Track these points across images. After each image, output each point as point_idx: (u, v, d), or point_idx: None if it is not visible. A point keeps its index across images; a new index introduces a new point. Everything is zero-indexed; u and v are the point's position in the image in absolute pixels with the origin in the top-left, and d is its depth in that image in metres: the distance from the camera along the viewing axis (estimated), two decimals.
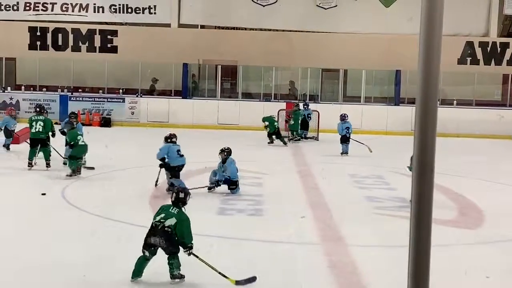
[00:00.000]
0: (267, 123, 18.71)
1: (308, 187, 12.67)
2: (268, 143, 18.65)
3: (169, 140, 11.26)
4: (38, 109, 13.87)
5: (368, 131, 21.80)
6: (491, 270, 7.87)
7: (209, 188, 11.49)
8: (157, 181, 11.44)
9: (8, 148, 15.30)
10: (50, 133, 13.43)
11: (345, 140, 16.80)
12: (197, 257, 6.75)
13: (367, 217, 9.70)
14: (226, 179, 11.43)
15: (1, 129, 15.18)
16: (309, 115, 20.02)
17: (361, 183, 12.95)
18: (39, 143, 13.09)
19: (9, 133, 15.21)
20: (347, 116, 17.06)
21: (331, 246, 8.60)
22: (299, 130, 19.73)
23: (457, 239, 9.11)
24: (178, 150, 11.19)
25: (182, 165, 11.25)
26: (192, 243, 6.73)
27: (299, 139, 19.55)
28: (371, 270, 7.65)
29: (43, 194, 10.71)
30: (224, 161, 11.51)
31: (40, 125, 13.15)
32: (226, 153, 11.57)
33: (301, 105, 20.56)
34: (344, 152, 16.74)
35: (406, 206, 9.92)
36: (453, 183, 12.60)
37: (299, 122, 19.58)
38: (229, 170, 11.43)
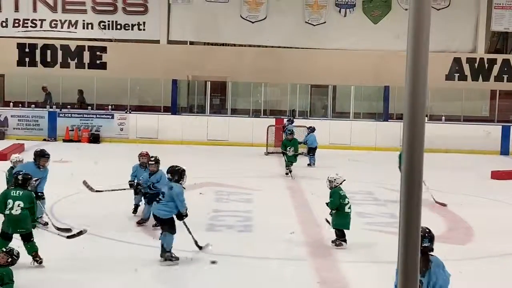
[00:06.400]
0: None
1: (298, 203, 12.66)
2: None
3: None
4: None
5: (357, 147, 21.86)
6: (480, 286, 7.88)
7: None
8: None
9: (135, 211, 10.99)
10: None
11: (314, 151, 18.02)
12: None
13: (357, 233, 9.69)
14: (155, 194, 9.30)
15: (132, 184, 10.88)
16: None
17: (351, 199, 12.81)
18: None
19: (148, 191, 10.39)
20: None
21: (321, 262, 8.59)
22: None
23: (446, 254, 9.08)
24: None
25: None
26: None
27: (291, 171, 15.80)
28: (361, 286, 7.64)
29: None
30: (153, 172, 10.22)
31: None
32: (158, 163, 10.24)
33: (285, 121, 20.48)
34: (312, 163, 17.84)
35: (396, 221, 9.94)
36: (441, 199, 12.63)
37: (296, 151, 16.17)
38: (162, 183, 9.44)
